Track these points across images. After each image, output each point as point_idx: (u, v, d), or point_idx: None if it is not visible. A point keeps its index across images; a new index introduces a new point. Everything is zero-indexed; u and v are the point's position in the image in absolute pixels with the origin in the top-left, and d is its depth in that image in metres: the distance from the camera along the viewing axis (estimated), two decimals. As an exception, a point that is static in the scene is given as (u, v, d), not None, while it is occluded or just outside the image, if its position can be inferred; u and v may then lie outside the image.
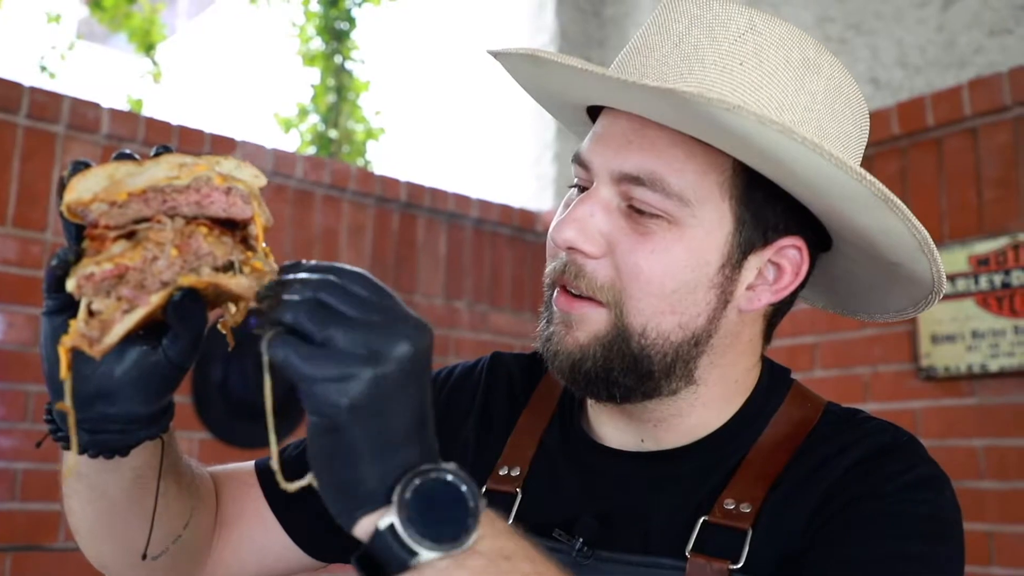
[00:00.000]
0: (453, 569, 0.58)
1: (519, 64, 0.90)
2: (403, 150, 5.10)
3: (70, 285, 0.60)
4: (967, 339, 2.63)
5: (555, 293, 0.87)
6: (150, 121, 3.07)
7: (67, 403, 0.62)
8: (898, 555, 0.78)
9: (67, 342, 0.59)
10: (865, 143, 0.93)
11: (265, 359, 0.58)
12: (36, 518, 2.69)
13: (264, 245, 0.64)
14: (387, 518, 0.58)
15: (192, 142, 3.14)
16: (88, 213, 0.60)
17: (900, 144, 2.88)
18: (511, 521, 0.89)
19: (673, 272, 0.82)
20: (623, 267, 0.82)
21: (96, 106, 2.95)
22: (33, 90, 2.84)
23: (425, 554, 0.58)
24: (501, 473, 0.94)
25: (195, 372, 0.69)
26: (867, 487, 0.81)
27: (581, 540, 0.86)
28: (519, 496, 0.92)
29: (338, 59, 4.82)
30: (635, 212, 0.83)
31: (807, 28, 3.58)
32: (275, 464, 0.61)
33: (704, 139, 0.81)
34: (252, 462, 1.01)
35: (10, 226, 2.80)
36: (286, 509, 0.97)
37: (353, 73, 4.85)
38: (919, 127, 2.80)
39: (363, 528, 0.60)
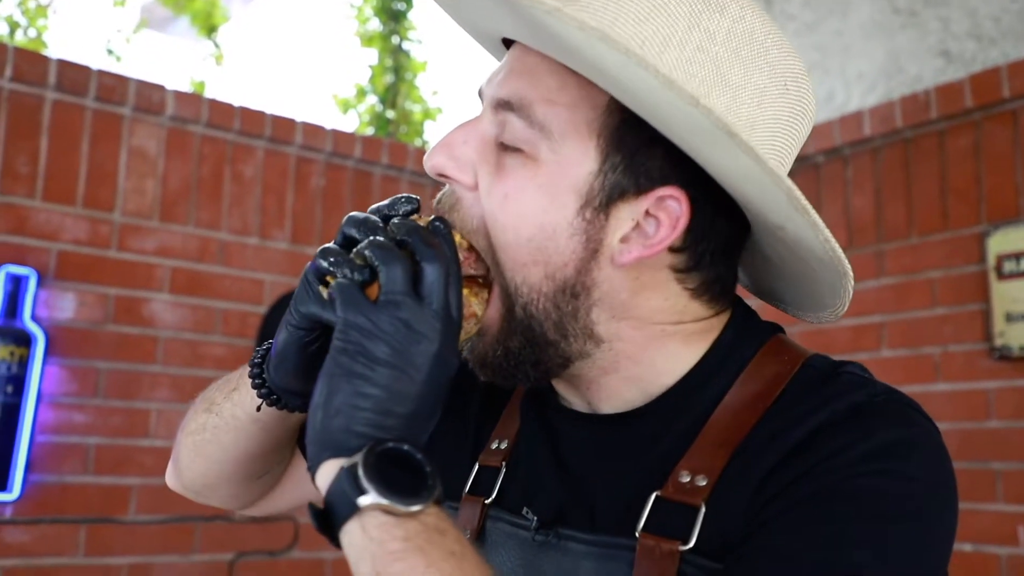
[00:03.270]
0: (391, 526, 0.62)
1: None
2: (460, 130, 5.10)
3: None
4: (1043, 318, 2.54)
5: None
6: (213, 103, 3.11)
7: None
8: (835, 542, 0.66)
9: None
10: (803, 112, 0.80)
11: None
12: (108, 491, 2.75)
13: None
14: (351, 461, 0.64)
15: (253, 123, 3.17)
16: None
17: (974, 117, 2.79)
18: (495, 495, 0.87)
19: (527, 217, 0.75)
20: (486, 212, 0.77)
21: (161, 88, 3.00)
22: (100, 73, 2.90)
23: (372, 497, 0.62)
24: (492, 447, 0.91)
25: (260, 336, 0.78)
26: (814, 461, 0.70)
27: (536, 520, 0.81)
28: (503, 470, 0.88)
29: (395, 39, 4.83)
30: (502, 148, 0.77)
31: (875, 0, 3.47)
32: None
33: (558, 58, 0.74)
34: None
35: (80, 206, 2.87)
36: None
37: (410, 53, 4.86)
38: (994, 99, 2.71)
39: (324, 472, 0.66)
